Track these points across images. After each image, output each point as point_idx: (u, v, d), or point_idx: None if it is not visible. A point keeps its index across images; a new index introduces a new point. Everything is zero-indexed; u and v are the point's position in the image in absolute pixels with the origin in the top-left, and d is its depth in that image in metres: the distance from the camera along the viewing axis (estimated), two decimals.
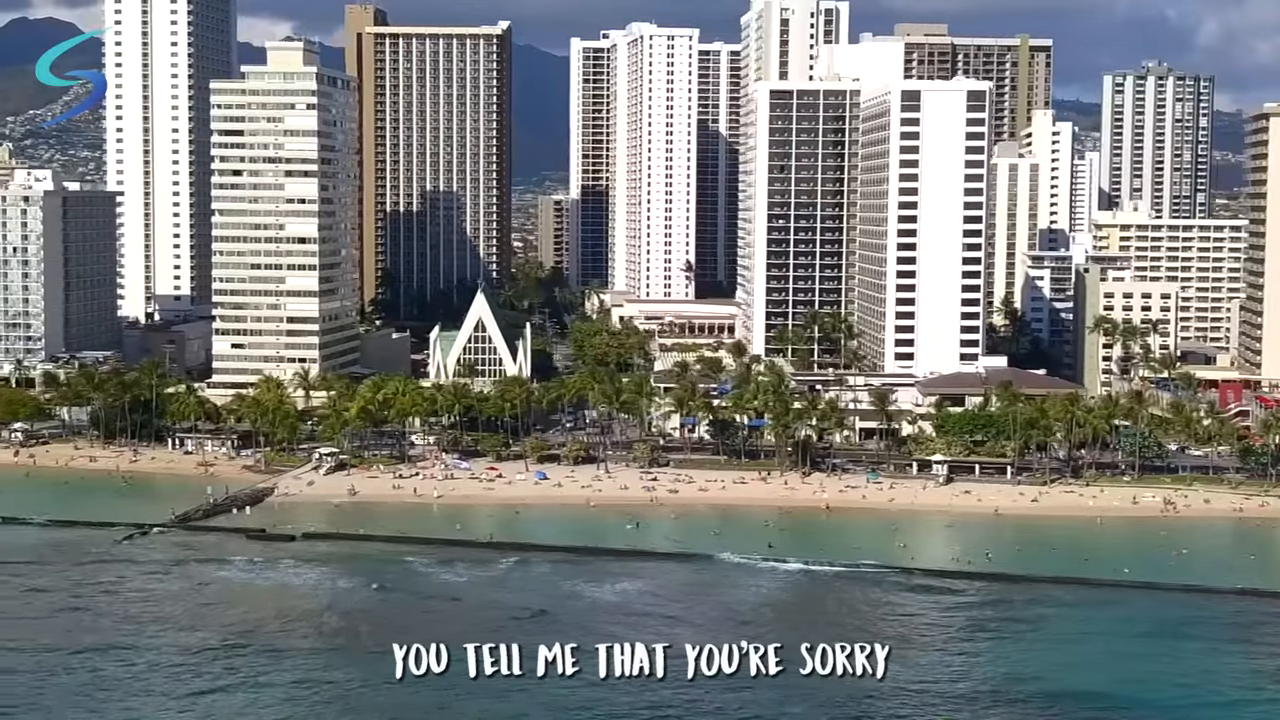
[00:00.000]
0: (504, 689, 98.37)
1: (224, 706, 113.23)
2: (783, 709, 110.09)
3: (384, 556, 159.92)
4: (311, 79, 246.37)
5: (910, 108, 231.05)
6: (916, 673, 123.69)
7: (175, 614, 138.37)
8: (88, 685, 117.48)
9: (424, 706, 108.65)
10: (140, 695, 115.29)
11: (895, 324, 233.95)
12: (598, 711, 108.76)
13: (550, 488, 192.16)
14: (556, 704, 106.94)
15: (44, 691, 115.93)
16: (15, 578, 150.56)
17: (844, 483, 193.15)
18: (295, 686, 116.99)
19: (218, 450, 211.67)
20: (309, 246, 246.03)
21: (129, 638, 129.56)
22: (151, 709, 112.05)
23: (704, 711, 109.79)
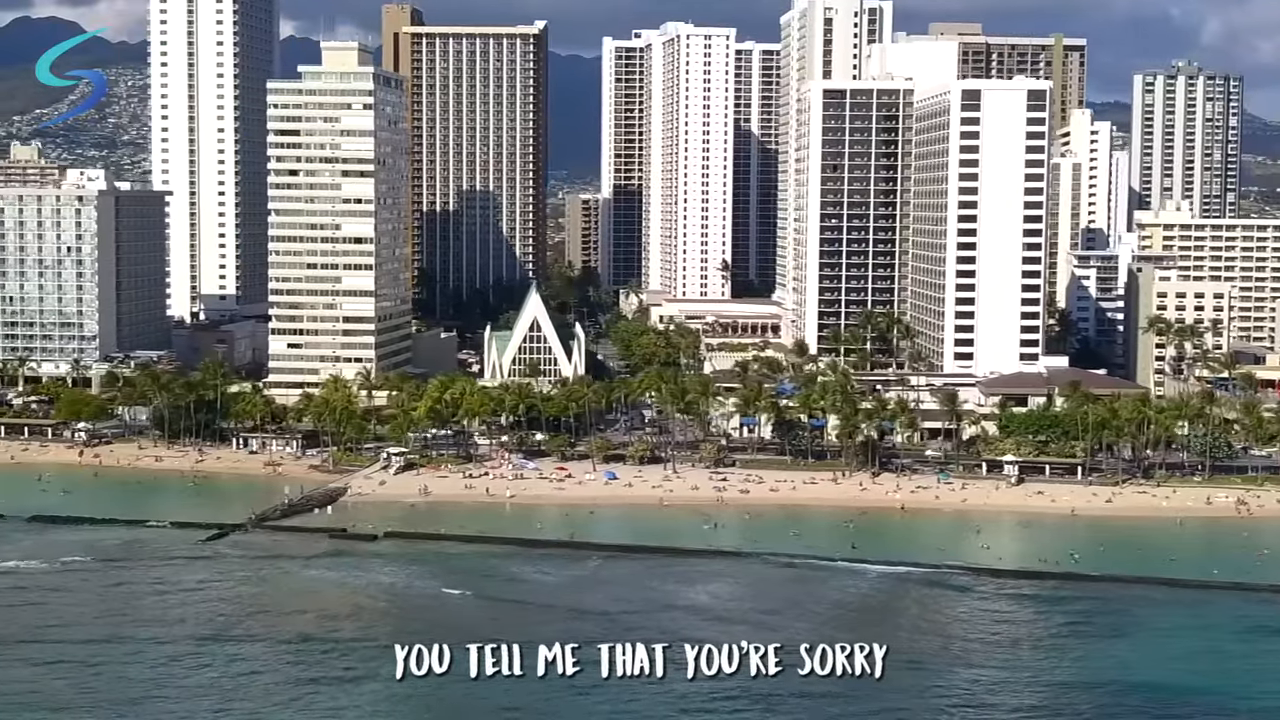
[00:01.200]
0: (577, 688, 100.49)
1: (329, 699, 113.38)
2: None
3: (469, 556, 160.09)
4: (368, 79, 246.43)
5: (970, 107, 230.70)
6: (1024, 671, 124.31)
7: (271, 611, 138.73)
8: (215, 677, 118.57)
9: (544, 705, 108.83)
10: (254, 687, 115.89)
11: (955, 324, 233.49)
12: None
13: (621, 488, 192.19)
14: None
15: (172, 681, 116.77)
16: (110, 575, 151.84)
17: (914, 483, 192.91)
18: (398, 683, 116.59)
19: (283, 450, 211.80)
20: (365, 246, 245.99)
21: (235, 631, 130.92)
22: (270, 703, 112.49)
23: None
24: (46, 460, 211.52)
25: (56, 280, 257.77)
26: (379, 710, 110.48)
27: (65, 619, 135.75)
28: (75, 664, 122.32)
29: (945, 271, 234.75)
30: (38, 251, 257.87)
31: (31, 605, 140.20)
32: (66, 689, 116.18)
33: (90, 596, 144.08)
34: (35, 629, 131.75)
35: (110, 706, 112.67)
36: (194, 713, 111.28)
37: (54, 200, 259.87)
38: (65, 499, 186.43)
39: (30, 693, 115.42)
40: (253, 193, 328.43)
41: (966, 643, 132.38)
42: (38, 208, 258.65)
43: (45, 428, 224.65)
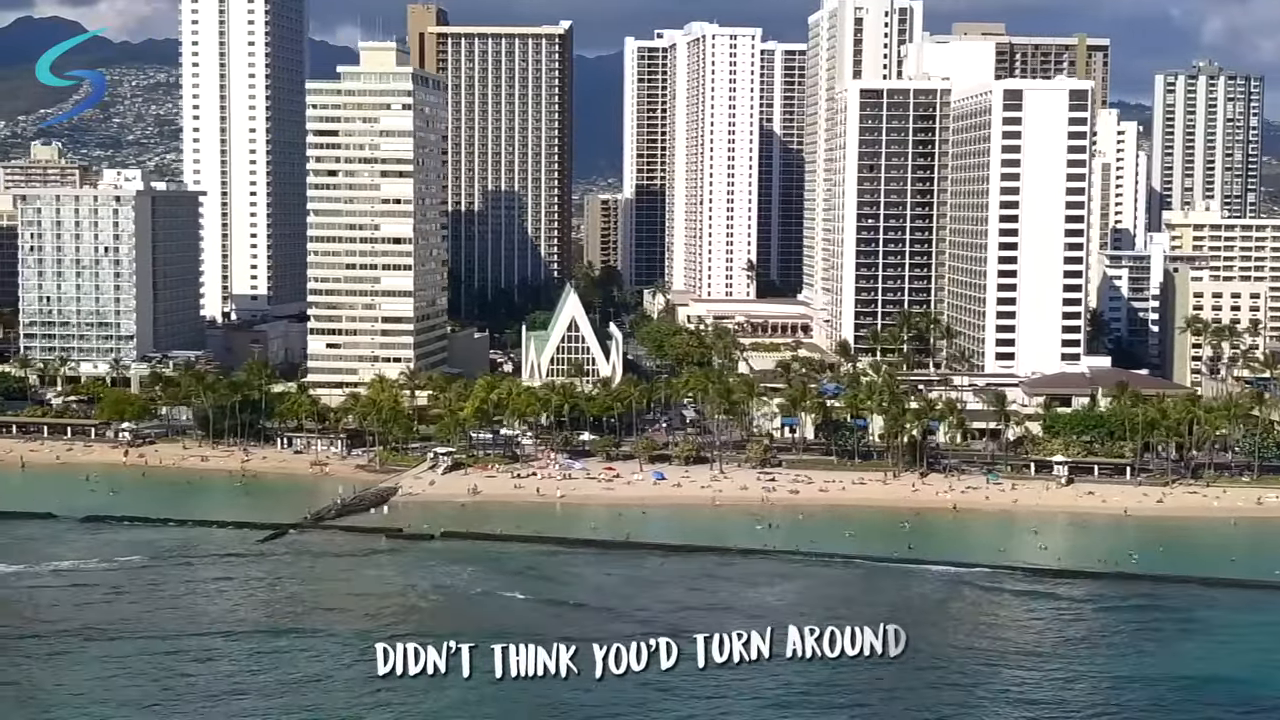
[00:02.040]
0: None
1: (405, 696, 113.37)
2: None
3: (527, 556, 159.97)
4: (407, 79, 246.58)
5: (1012, 106, 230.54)
6: (1096, 667, 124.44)
7: (338, 610, 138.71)
8: (295, 674, 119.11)
9: (626, 704, 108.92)
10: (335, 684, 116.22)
11: (996, 324, 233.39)
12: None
13: (669, 488, 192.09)
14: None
15: (252, 678, 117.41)
16: (171, 573, 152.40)
17: (964, 484, 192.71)
18: (476, 682, 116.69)
19: (328, 450, 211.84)
20: (404, 247, 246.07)
21: (306, 629, 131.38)
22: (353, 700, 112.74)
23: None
24: (91, 460, 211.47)
25: (94, 280, 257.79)
26: (465, 710, 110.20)
27: (132, 616, 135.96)
28: (152, 660, 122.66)
29: (987, 272, 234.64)
30: (75, 252, 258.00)
31: (96, 604, 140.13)
32: (149, 685, 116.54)
33: (155, 594, 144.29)
34: (105, 626, 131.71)
35: (194, 702, 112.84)
36: (273, 710, 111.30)
37: (91, 200, 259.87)
38: (115, 499, 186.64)
39: (108, 689, 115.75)
40: (284, 193, 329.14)
41: (1038, 641, 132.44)
42: (75, 208, 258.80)
43: (88, 428, 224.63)
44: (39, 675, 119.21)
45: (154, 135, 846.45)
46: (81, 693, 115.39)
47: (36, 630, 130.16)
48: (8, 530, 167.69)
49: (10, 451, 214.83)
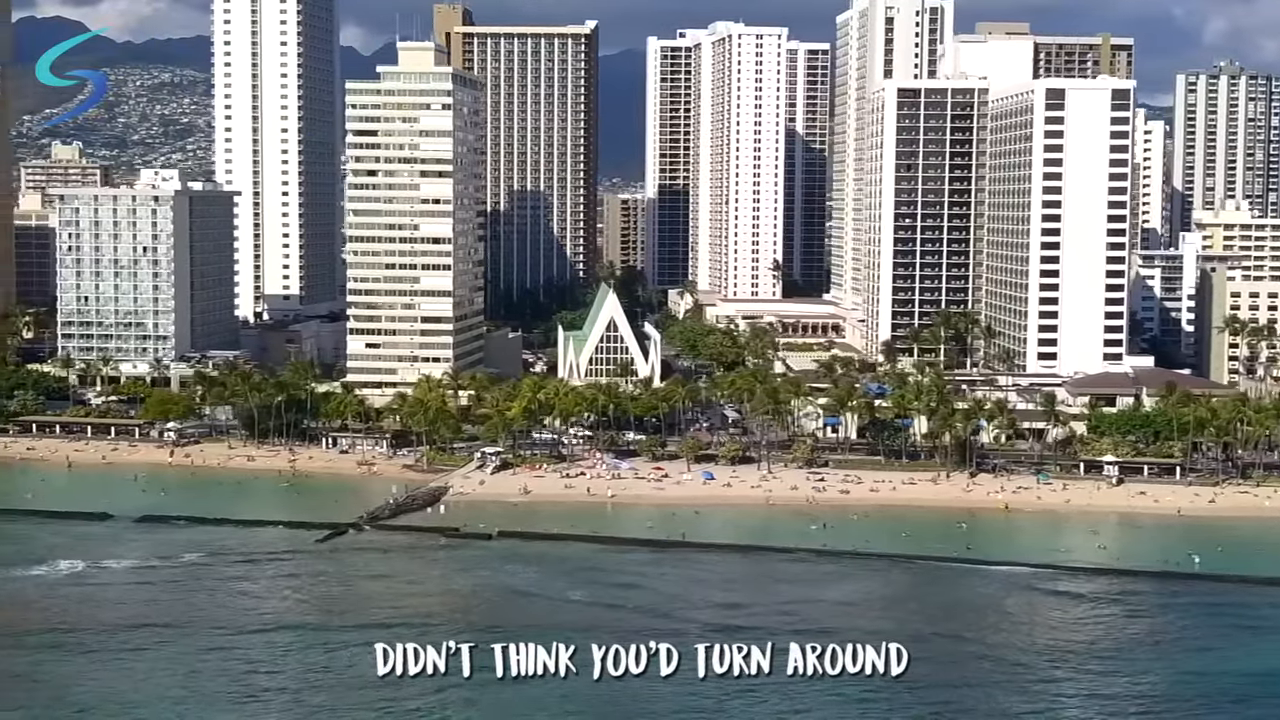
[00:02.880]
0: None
1: (496, 694, 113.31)
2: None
3: (586, 555, 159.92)
4: (447, 79, 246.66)
5: (1054, 106, 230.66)
6: (1171, 665, 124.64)
7: (408, 609, 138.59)
8: (369, 667, 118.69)
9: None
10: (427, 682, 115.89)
11: (1039, 323, 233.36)
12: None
13: (719, 488, 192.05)
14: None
15: (346, 673, 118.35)
16: (237, 570, 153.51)
17: (1014, 484, 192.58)
18: (578, 682, 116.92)
19: (374, 450, 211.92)
20: (443, 247, 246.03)
21: (375, 623, 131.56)
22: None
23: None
24: (137, 460, 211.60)
25: (132, 280, 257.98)
26: (559, 709, 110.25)
27: (204, 612, 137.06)
28: (226, 655, 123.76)
29: (1029, 271, 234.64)
30: (113, 252, 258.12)
31: (165, 600, 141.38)
32: (226, 680, 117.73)
33: (223, 591, 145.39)
34: (177, 623, 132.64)
35: (276, 697, 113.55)
36: (353, 704, 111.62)
37: (130, 200, 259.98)
38: (167, 499, 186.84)
39: (188, 686, 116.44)
40: (315, 193, 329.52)
41: (1107, 639, 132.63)
42: (113, 208, 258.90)
43: (132, 427, 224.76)
44: (118, 671, 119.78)
45: (159, 135, 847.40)
46: (161, 688, 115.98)
47: (110, 626, 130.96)
48: (66, 529, 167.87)
49: (55, 451, 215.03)
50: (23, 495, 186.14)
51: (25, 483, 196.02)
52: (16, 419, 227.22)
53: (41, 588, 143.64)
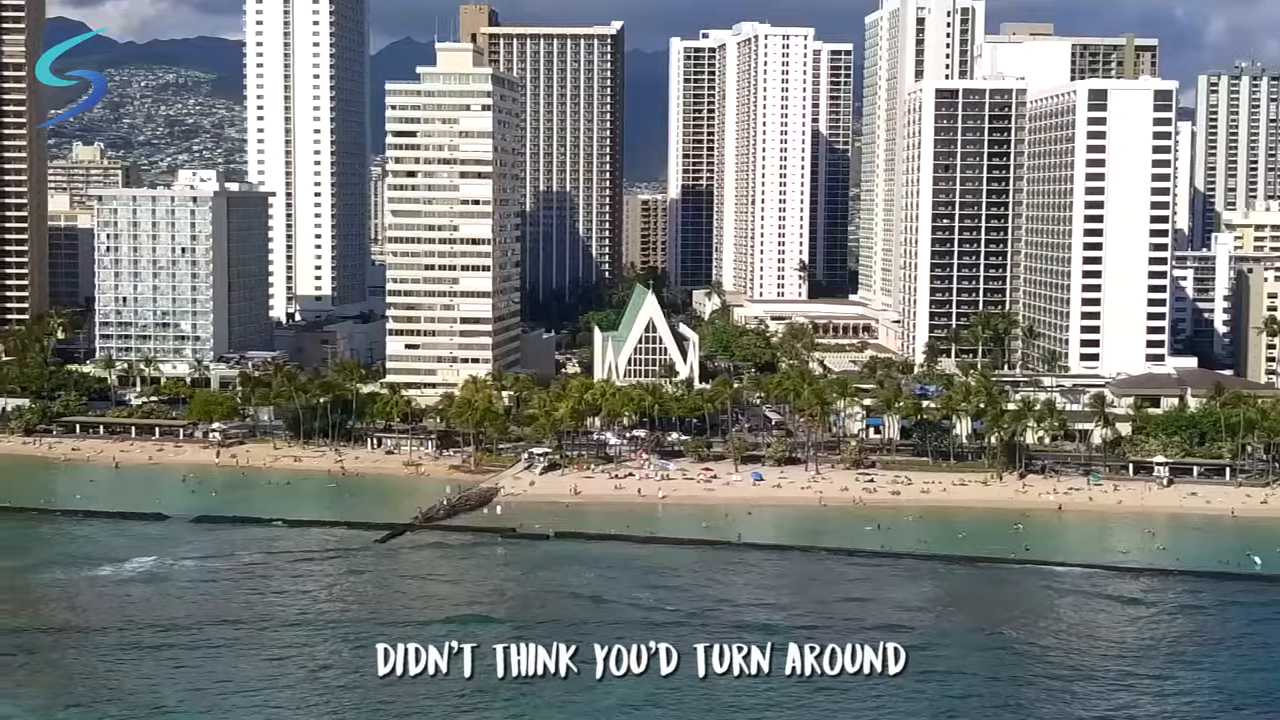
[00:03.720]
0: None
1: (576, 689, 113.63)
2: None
3: (647, 556, 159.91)
4: (487, 80, 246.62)
5: (1097, 106, 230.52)
6: (1241, 665, 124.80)
7: (483, 605, 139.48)
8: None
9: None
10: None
11: (1081, 324, 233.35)
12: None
13: (770, 489, 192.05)
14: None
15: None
16: (303, 568, 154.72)
17: (1065, 485, 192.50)
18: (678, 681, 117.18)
19: (420, 450, 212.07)
20: (483, 248, 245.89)
21: (450, 617, 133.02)
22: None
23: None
24: (183, 460, 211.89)
25: (170, 281, 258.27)
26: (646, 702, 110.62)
27: (275, 609, 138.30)
28: (306, 651, 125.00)
29: (1071, 272, 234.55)
30: (152, 252, 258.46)
31: (237, 597, 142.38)
32: (307, 675, 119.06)
33: (296, 590, 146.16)
34: (251, 620, 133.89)
35: (364, 690, 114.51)
36: (437, 695, 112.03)
37: (169, 201, 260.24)
38: (220, 499, 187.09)
39: (269, 680, 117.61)
40: (346, 195, 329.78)
41: (1179, 639, 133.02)
42: (152, 208, 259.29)
43: (176, 428, 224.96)
44: (198, 667, 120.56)
45: (165, 136, 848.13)
46: (241, 684, 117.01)
47: (185, 623, 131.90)
48: (124, 529, 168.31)
49: (100, 451, 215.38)
50: (73, 496, 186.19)
51: (74, 483, 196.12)
52: (60, 419, 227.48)
53: (111, 586, 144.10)
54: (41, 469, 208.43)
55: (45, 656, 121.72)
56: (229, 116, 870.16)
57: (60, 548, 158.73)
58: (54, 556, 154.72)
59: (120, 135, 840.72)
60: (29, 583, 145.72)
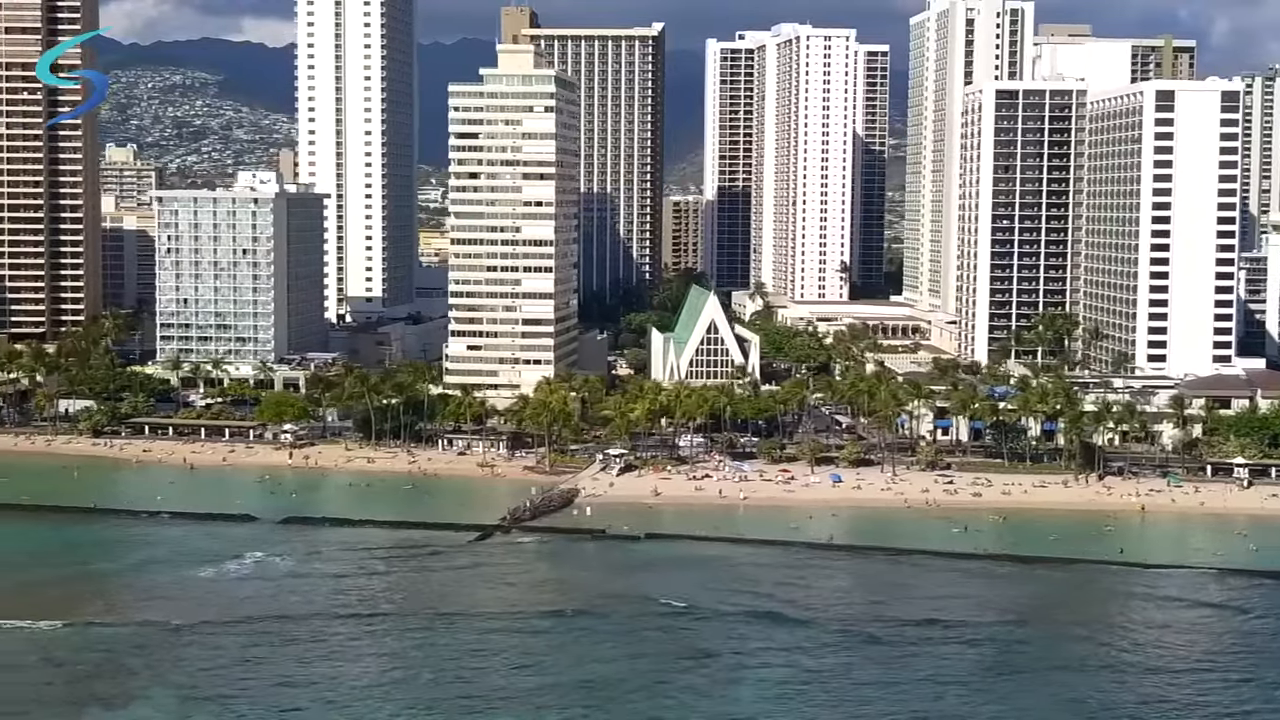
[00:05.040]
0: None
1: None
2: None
3: (745, 558, 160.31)
4: (549, 81, 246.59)
5: (1164, 108, 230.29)
6: None
7: (597, 601, 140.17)
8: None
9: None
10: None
11: (1148, 325, 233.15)
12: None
13: (849, 490, 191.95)
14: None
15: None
16: (412, 564, 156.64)
17: (1146, 486, 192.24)
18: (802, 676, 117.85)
19: (494, 452, 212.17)
20: (545, 249, 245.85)
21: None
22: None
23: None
24: (256, 462, 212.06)
25: (231, 282, 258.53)
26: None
27: (398, 602, 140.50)
28: (436, 646, 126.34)
29: (1138, 273, 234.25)
30: (213, 254, 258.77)
31: (353, 593, 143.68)
32: (449, 667, 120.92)
33: (408, 584, 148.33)
34: (381, 614, 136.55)
35: (500, 675, 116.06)
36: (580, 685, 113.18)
37: (230, 203, 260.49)
38: (301, 500, 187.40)
39: (405, 674, 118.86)
40: (396, 196, 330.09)
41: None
42: (213, 210, 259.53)
43: (246, 429, 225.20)
44: (324, 659, 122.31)
45: (172, 137, 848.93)
46: (371, 675, 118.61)
47: (296, 618, 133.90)
48: (216, 531, 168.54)
49: (172, 453, 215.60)
50: (153, 497, 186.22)
51: (151, 485, 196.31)
52: (128, 421, 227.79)
53: (220, 585, 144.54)
54: (114, 470, 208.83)
55: (171, 654, 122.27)
56: (236, 118, 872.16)
57: (156, 550, 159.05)
58: (152, 558, 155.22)
59: (128, 137, 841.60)
60: (139, 583, 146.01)
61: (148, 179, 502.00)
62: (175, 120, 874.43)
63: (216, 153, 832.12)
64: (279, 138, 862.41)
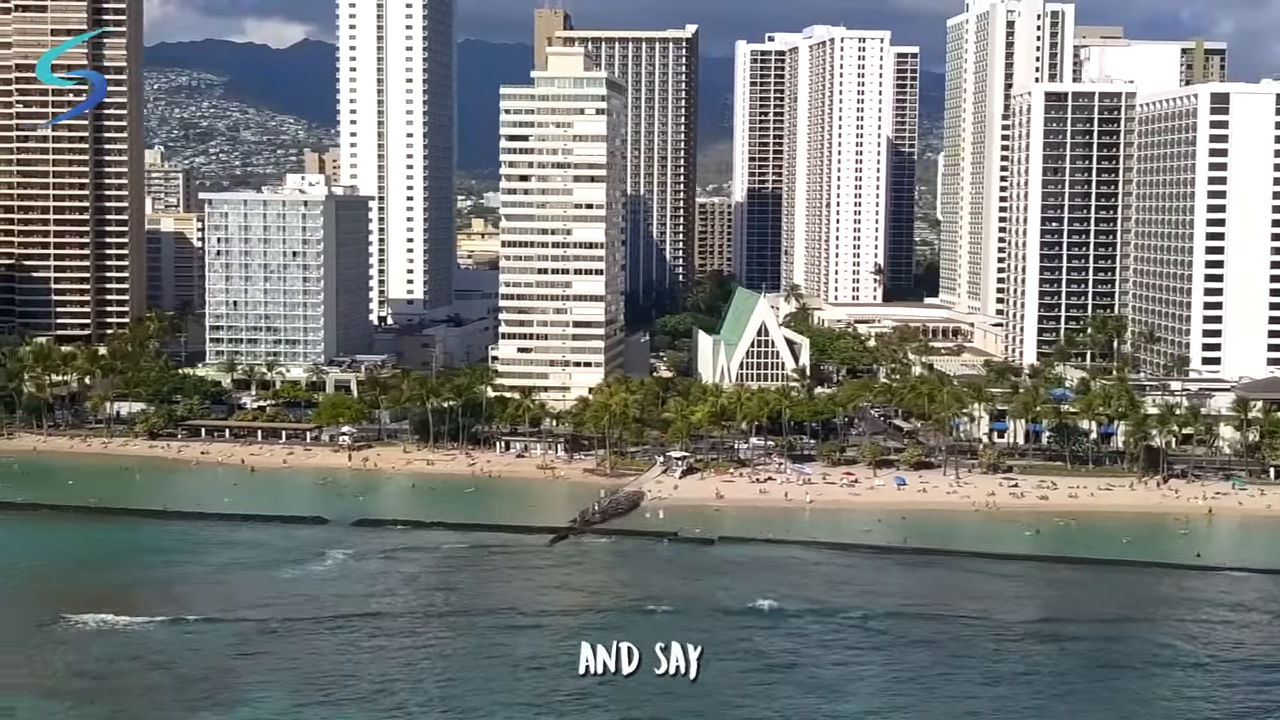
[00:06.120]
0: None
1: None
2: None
3: (827, 562, 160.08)
4: (600, 84, 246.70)
5: (1219, 110, 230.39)
6: None
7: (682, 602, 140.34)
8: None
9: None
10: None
11: (1203, 328, 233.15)
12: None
13: (915, 493, 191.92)
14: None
15: None
16: (496, 560, 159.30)
17: (1208, 489, 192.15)
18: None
19: (553, 454, 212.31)
20: (596, 251, 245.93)
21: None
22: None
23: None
24: (315, 464, 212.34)
25: (281, 285, 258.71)
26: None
27: (488, 601, 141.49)
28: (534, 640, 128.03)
29: (1191, 275, 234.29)
30: (262, 256, 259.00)
31: (438, 593, 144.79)
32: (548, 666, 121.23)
33: (489, 587, 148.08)
34: (465, 609, 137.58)
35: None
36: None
37: (280, 205, 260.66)
38: (366, 503, 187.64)
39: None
40: (436, 199, 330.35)
41: None
42: (263, 212, 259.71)
43: (303, 431, 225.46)
44: (423, 654, 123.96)
45: (180, 138, 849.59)
46: (465, 669, 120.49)
47: (390, 616, 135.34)
48: (289, 533, 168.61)
49: (231, 455, 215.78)
50: (220, 499, 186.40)
51: (215, 487, 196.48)
52: (185, 423, 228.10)
53: (307, 586, 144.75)
54: (174, 472, 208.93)
55: (273, 654, 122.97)
56: (243, 119, 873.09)
57: (236, 551, 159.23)
58: (234, 560, 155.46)
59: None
60: (229, 583, 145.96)
61: (175, 181, 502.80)
62: (182, 122, 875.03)
63: (224, 154, 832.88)
64: (287, 139, 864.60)
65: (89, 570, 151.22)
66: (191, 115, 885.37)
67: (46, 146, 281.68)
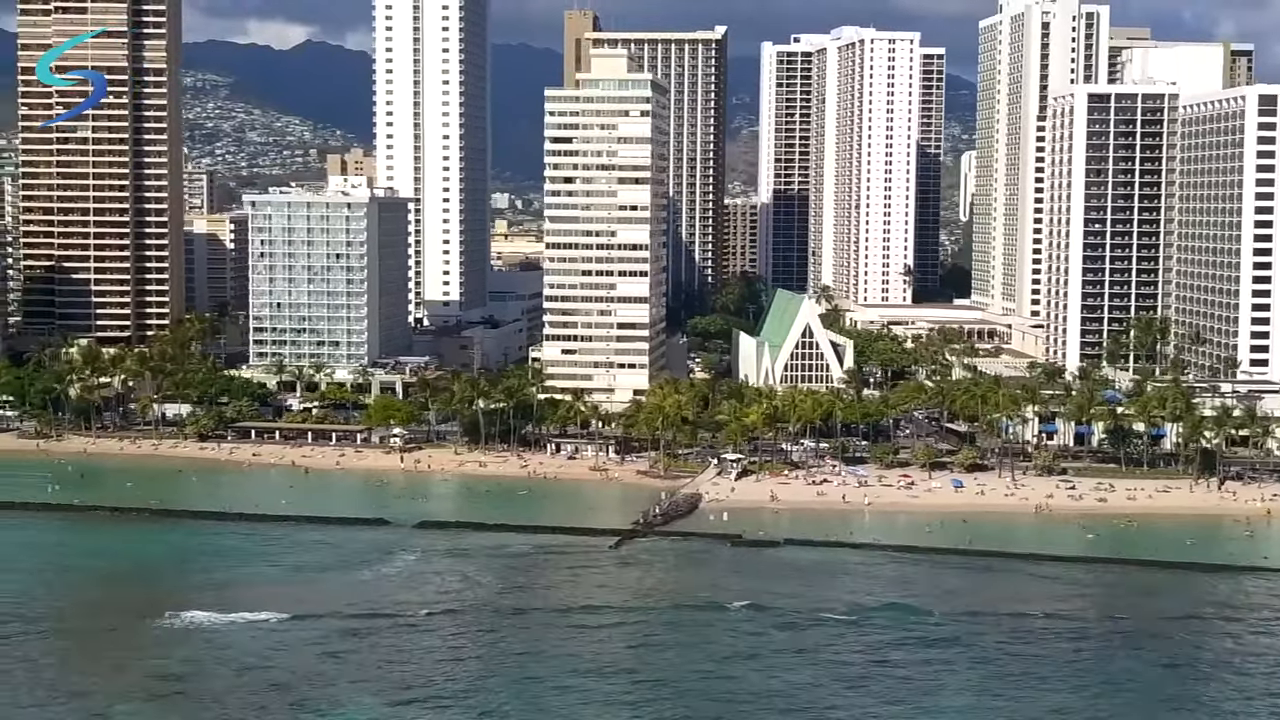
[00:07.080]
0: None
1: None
2: None
3: (895, 564, 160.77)
4: (645, 86, 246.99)
5: (1267, 111, 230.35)
6: None
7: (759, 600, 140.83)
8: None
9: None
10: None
11: (1251, 329, 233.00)
12: None
13: (973, 495, 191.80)
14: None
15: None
16: (565, 558, 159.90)
17: (1269, 490, 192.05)
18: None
19: (605, 456, 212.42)
20: (640, 253, 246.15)
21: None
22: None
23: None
24: (367, 465, 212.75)
25: (324, 286, 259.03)
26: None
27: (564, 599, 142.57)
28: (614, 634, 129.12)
29: (1239, 277, 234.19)
30: (306, 258, 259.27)
31: (517, 589, 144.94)
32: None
33: (575, 586, 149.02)
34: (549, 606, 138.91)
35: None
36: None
37: (324, 207, 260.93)
38: (426, 505, 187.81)
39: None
40: (471, 201, 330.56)
41: None
42: (306, 214, 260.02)
43: (354, 433, 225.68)
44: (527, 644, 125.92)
45: (185, 140, 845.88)
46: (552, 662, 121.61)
47: (470, 611, 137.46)
48: (354, 535, 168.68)
49: (282, 457, 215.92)
50: (278, 501, 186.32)
51: (269, 489, 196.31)
52: (234, 424, 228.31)
53: (383, 586, 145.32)
54: (226, 474, 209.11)
55: (364, 653, 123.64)
56: (249, 120, 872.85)
57: (305, 553, 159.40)
58: (306, 561, 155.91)
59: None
60: (309, 585, 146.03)
61: (199, 182, 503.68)
62: (187, 123, 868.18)
63: (231, 155, 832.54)
64: (293, 140, 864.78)
65: (168, 572, 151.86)
66: (197, 116, 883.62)
67: (86, 149, 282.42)
